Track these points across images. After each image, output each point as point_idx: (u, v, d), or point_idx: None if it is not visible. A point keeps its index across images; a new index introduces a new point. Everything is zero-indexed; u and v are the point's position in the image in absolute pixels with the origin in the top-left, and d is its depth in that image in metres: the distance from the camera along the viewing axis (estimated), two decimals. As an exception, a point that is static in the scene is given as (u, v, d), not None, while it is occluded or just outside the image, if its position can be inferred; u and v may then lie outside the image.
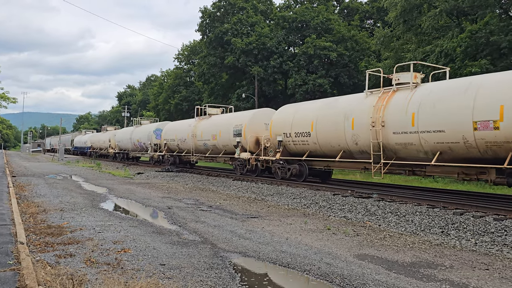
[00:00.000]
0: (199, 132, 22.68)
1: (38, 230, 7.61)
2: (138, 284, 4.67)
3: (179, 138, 25.19)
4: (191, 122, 24.76)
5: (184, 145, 24.81)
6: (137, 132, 33.54)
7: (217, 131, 20.97)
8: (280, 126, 16.51)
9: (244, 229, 8.43)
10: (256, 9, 44.77)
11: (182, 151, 25.53)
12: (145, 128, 32.64)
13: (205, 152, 22.55)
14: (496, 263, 6.30)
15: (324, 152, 14.66)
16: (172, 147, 26.80)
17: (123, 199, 13.18)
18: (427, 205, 10.40)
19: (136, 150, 34.00)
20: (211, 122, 22.33)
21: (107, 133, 44.57)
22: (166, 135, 27.32)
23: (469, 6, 23.45)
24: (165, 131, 27.83)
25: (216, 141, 21.00)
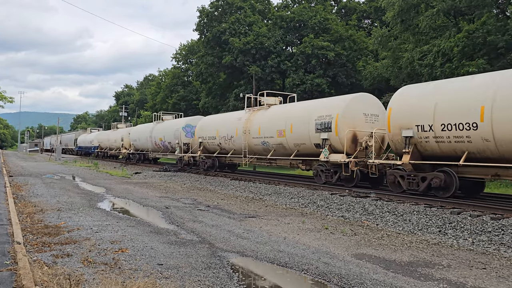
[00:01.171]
0: (255, 127, 18.09)
1: (35, 230, 7.59)
2: (135, 284, 4.66)
3: (222, 135, 20.61)
4: (240, 114, 20.14)
5: (229, 145, 20.25)
6: (160, 129, 28.43)
7: (285, 125, 16.22)
8: (408, 116, 11.50)
9: (242, 229, 8.42)
10: (254, 9, 44.74)
11: (226, 151, 20.89)
12: (170, 124, 27.64)
13: (265, 153, 17.86)
14: (493, 262, 6.31)
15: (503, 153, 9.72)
16: (210, 147, 22.20)
17: (120, 199, 13.15)
18: (425, 205, 10.42)
19: (158, 150, 29.16)
20: (272, 114, 17.73)
21: (119, 131, 39.82)
22: (202, 132, 22.65)
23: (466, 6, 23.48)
24: (200, 128, 23.07)
25: (285, 139, 16.21)
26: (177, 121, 27.44)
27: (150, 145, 29.98)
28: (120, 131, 39.23)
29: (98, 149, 45.35)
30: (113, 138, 40.52)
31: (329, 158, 14.06)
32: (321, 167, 14.81)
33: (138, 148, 33.15)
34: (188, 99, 56.96)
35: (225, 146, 20.68)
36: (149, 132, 30.03)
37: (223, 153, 21.15)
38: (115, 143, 39.34)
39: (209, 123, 22.94)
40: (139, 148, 33.12)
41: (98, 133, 50.62)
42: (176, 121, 27.91)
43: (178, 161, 25.96)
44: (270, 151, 17.39)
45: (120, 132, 39.05)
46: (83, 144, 53.52)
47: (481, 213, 9.18)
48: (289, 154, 16.33)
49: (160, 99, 63.25)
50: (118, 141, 38.40)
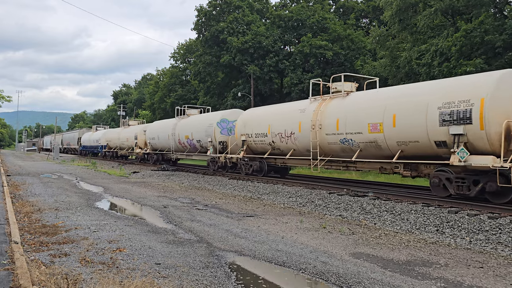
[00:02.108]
0: (330, 121, 13.95)
1: (33, 230, 7.57)
2: (133, 283, 4.66)
3: (277, 132, 16.51)
4: (302, 105, 16.03)
5: (288, 143, 15.99)
6: (185, 125, 24.62)
7: (383, 116, 12.02)
8: None
9: (239, 228, 8.42)
10: (252, 8, 44.74)
11: (280, 152, 16.77)
12: (199, 119, 23.73)
13: (344, 154, 13.82)
14: (490, 261, 6.33)
15: None
16: (257, 146, 18.04)
17: (118, 198, 13.14)
18: (422, 204, 10.44)
19: (183, 150, 25.13)
20: (357, 103, 13.50)
21: (131, 129, 35.68)
22: (246, 128, 18.57)
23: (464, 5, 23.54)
24: (244, 123, 18.93)
25: (381, 135, 12.08)
26: (209, 116, 23.30)
27: (173, 144, 25.77)
28: (133, 129, 34.93)
29: (106, 148, 41.04)
30: (124, 137, 36.13)
31: (469, 161, 9.87)
32: (446, 174, 10.71)
33: (156, 147, 28.80)
34: (186, 98, 56.90)
35: (281, 146, 16.48)
36: (171, 129, 25.84)
37: (276, 154, 17.10)
38: (127, 142, 35.23)
39: (256, 117, 18.52)
40: (157, 147, 28.70)
41: (106, 131, 45.49)
42: (208, 115, 23.70)
43: (209, 163, 21.86)
44: (353, 151, 13.17)
45: (133, 129, 34.66)
46: (87, 144, 48.90)
47: (478, 212, 9.20)
48: (386, 155, 12.30)
49: (158, 99, 63.18)
50: (130, 139, 34.23)
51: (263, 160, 17.91)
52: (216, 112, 24.08)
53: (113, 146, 39.39)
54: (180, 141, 24.83)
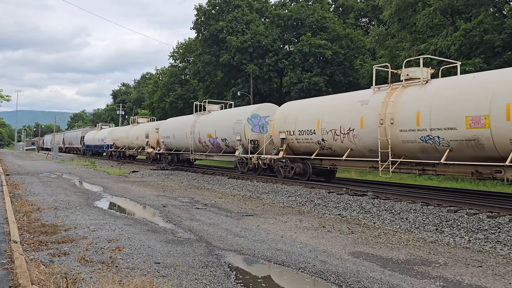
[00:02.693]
0: (407, 114, 11.51)
1: (32, 229, 7.57)
2: (132, 282, 4.66)
3: (329, 128, 14.03)
4: (363, 96, 13.38)
5: (345, 142, 13.53)
6: (207, 122, 22.00)
7: (489, 107, 9.61)
8: None
9: (239, 227, 8.43)
10: (251, 7, 44.71)
11: (331, 152, 14.46)
12: (224, 115, 21.21)
13: (423, 155, 11.46)
14: (489, 260, 6.34)
15: None
16: (301, 145, 15.55)
17: (118, 198, 13.13)
18: (422, 203, 10.45)
19: (204, 150, 22.40)
20: (444, 92, 10.91)
21: (141, 127, 32.98)
22: (287, 124, 15.97)
23: (463, 4, 23.56)
24: (284, 117, 16.36)
25: (486, 130, 9.71)
26: (238, 111, 20.63)
27: (192, 144, 23.13)
28: (144, 127, 32.23)
29: (112, 148, 38.47)
30: (133, 135, 33.41)
31: None
32: None
33: (171, 147, 26.21)
34: (186, 98, 56.88)
35: (333, 145, 14.08)
36: (189, 126, 23.28)
37: (325, 155, 14.84)
38: (137, 141, 32.62)
39: (301, 111, 15.92)
40: (172, 147, 26.12)
41: (112, 129, 42.67)
42: (236, 110, 21.18)
43: (237, 164, 19.22)
44: (439, 152, 10.84)
45: (144, 127, 31.98)
46: (92, 143, 46.25)
47: (477, 211, 9.21)
48: (486, 157, 10.02)
49: (157, 98, 63.15)
50: (141, 138, 31.57)
51: (306, 161, 15.36)
52: (246, 107, 21.30)
53: (120, 146, 36.96)
54: (201, 140, 22.26)
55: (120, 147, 37.06)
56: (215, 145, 21.21)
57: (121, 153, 37.20)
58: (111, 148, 38.65)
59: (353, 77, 37.72)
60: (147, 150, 30.00)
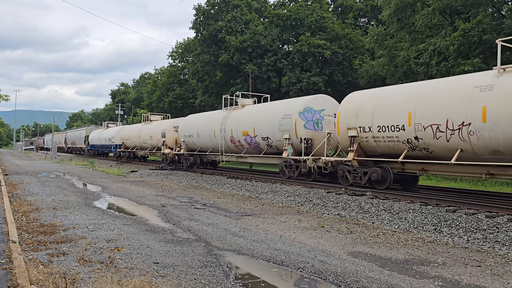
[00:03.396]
0: None
1: (31, 229, 7.56)
2: (131, 282, 4.65)
3: (429, 122, 11.05)
4: (481, 80, 10.31)
5: (452, 141, 10.57)
6: (241, 118, 19.23)
7: None
8: None
9: (238, 227, 8.43)
10: (250, 7, 44.71)
11: (430, 154, 11.42)
12: (266, 110, 18.25)
13: None
14: (488, 260, 6.35)
15: None
16: (378, 145, 12.60)
17: (116, 197, 13.12)
18: (420, 203, 10.46)
19: (239, 150, 19.47)
20: None
21: (156, 125, 29.82)
22: (361, 118, 12.94)
23: (462, 4, 23.58)
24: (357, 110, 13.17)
25: None
26: (285, 104, 17.38)
27: (222, 143, 20.26)
28: (159, 125, 29.21)
29: (121, 148, 35.32)
30: (146, 134, 30.34)
31: None
32: None
33: (194, 147, 23.51)
34: (185, 98, 56.86)
35: (433, 144, 11.08)
36: (218, 123, 20.42)
37: (415, 157, 11.76)
38: (151, 141, 29.53)
39: (380, 100, 12.67)
40: (195, 147, 23.39)
41: (121, 127, 39.32)
42: (282, 104, 17.80)
43: (284, 168, 16.38)
44: None
45: (159, 125, 29.03)
46: (97, 142, 43.34)
47: (476, 211, 9.23)
48: None
49: (156, 98, 63.13)
50: (156, 137, 28.46)
51: (385, 165, 12.46)
52: (296, 99, 18.12)
53: (130, 146, 33.96)
54: (233, 139, 19.37)
55: (130, 147, 34.17)
56: (252, 145, 18.26)
57: (131, 154, 34.27)
58: (120, 148, 35.66)
59: (352, 77, 37.75)
60: (164, 151, 26.77)
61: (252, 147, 18.44)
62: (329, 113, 16.05)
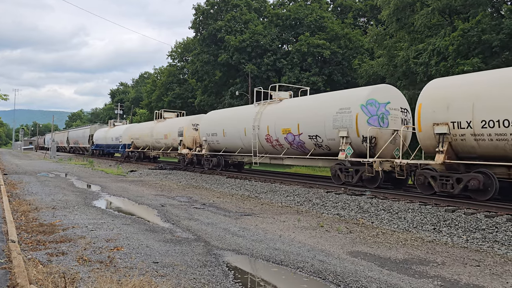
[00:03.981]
0: None
1: (30, 228, 7.55)
2: (131, 282, 4.65)
3: None
4: None
5: None
6: (279, 113, 16.71)
7: None
8: None
9: (237, 227, 8.43)
10: (249, 7, 44.72)
11: None
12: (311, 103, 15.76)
13: None
14: (487, 260, 6.36)
15: None
16: (477, 144, 10.10)
17: (116, 197, 13.12)
18: (420, 202, 10.47)
19: (277, 151, 16.86)
20: None
21: (171, 122, 27.19)
22: (452, 111, 10.45)
23: (461, 4, 23.60)
24: (448, 101, 10.57)
25: None
26: (340, 95, 14.89)
27: (256, 143, 17.63)
28: (175, 123, 26.50)
29: (130, 147, 32.67)
30: (160, 133, 27.72)
31: None
32: None
33: (218, 147, 20.98)
34: (184, 97, 56.87)
35: None
36: (251, 120, 17.79)
37: None
38: (165, 140, 27.00)
39: (483, 88, 10.05)
40: (219, 147, 20.85)
41: (130, 126, 36.55)
42: (337, 95, 15.19)
43: (337, 173, 13.94)
44: None
45: (175, 123, 26.29)
46: (103, 142, 40.72)
47: (475, 211, 9.23)
48: None
49: (155, 97, 63.13)
50: (171, 136, 25.86)
51: (487, 171, 9.88)
52: (356, 90, 15.09)
53: (141, 146, 31.27)
54: (270, 138, 16.79)
55: (140, 147, 31.36)
56: (295, 144, 15.66)
57: (142, 154, 31.66)
58: (129, 148, 32.83)
59: (351, 77, 37.78)
60: (181, 151, 24.22)
61: (295, 147, 15.83)
62: (395, 106, 13.68)
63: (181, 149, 24.31)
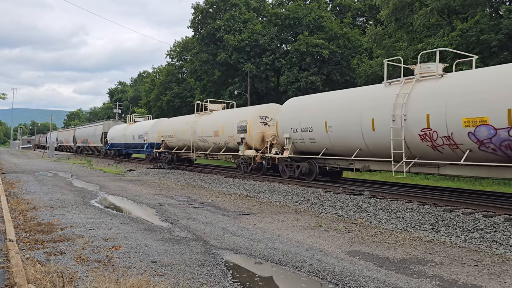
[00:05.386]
0: None
1: (28, 228, 7.54)
2: (129, 281, 4.65)
3: None
4: None
5: None
6: (454, 97, 10.25)
7: None
8: None
9: (236, 226, 8.43)
10: (248, 6, 44.70)
11: None
12: None
13: None
14: (485, 259, 6.37)
15: None
16: None
17: (114, 196, 13.10)
18: (418, 202, 10.48)
19: (439, 156, 10.83)
20: None
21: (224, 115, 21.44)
22: None
23: (460, 4, 23.63)
24: None
25: None
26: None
27: (401, 143, 11.34)
28: (231, 115, 20.53)
29: (160, 147, 26.44)
30: (208, 128, 21.32)
31: None
32: None
33: (312, 148, 15.02)
34: (183, 96, 56.82)
35: None
36: (380, 107, 12.19)
37: None
38: (215, 139, 20.65)
39: None
40: (316, 148, 14.73)
41: (159, 121, 30.04)
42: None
43: None
44: None
45: (232, 116, 20.19)
46: (121, 140, 34.64)
47: (473, 210, 9.25)
48: None
49: (154, 96, 63.06)
50: (227, 133, 19.70)
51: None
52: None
53: (175, 145, 25.08)
54: (429, 135, 10.78)
55: (175, 147, 25.20)
56: None
57: (174, 156, 25.53)
58: (158, 148, 26.82)
59: (350, 76, 37.80)
60: (244, 153, 18.28)
61: None
62: None
63: (244, 150, 18.39)
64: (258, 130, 18.28)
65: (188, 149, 23.73)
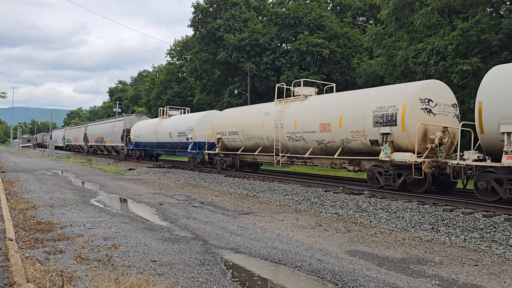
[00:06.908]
0: None
1: (28, 227, 7.54)
2: (129, 280, 4.64)
3: None
4: None
5: None
6: None
7: None
8: None
9: (235, 226, 8.42)
10: (249, 5, 44.66)
11: None
12: None
13: None
14: (485, 259, 6.37)
15: None
16: None
17: (114, 195, 13.10)
18: (418, 202, 10.48)
19: None
20: None
21: (342, 97, 14.93)
22: None
23: (460, 4, 23.60)
24: None
25: None
26: None
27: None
28: (354, 97, 14.21)
29: (217, 148, 20.78)
30: (307, 119, 15.16)
31: None
32: None
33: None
34: (183, 96, 56.83)
35: None
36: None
37: None
38: (319, 136, 14.58)
39: None
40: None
41: (209, 113, 24.12)
42: None
43: None
44: None
45: (357, 97, 13.94)
46: (151, 139, 28.74)
47: (473, 210, 9.25)
48: None
49: (154, 95, 63.06)
50: (348, 126, 13.31)
51: None
52: None
53: (241, 145, 19.22)
54: None
55: (239, 148, 19.38)
56: None
57: (237, 160, 19.58)
58: (211, 148, 21.42)
59: (350, 76, 37.78)
60: (394, 158, 11.67)
61: None
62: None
63: (391, 154, 11.93)
64: (418, 120, 11.50)
65: (264, 150, 17.91)
